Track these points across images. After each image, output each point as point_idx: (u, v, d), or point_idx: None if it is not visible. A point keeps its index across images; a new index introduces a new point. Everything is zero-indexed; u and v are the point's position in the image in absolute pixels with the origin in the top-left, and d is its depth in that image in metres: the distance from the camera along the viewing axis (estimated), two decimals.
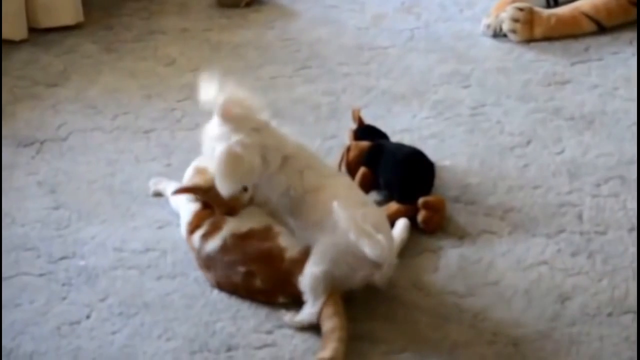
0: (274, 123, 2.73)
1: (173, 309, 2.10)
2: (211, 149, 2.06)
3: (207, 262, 2.14)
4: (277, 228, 2.11)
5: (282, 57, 3.14)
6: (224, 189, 2.04)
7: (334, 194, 2.04)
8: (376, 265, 2.00)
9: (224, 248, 2.10)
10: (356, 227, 1.94)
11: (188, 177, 2.27)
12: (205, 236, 2.13)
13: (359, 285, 2.05)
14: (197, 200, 2.21)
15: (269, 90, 2.94)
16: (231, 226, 2.12)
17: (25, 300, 2.13)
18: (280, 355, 1.98)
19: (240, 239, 2.10)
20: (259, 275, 2.08)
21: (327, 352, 1.92)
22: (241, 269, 2.09)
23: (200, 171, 2.23)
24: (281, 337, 2.02)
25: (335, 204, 1.96)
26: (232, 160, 2.01)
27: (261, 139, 2.07)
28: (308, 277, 2.01)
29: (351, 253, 1.99)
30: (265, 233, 2.10)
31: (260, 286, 2.08)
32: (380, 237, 1.96)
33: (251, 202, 2.17)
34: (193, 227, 2.17)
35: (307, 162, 2.12)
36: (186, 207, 2.22)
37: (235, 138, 2.03)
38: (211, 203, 2.18)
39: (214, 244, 2.11)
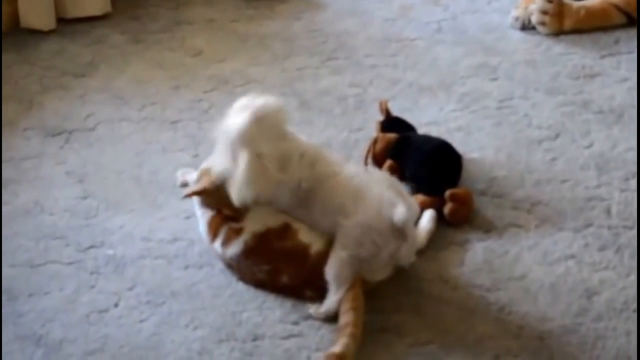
0: (300, 114, 2.76)
1: (200, 299, 2.11)
2: (230, 150, 2.02)
3: (231, 264, 2.15)
4: (295, 225, 2.10)
5: (309, 48, 3.14)
6: (240, 197, 2.01)
7: (350, 177, 2.06)
8: (401, 236, 2.01)
9: (246, 251, 2.11)
10: (392, 185, 1.95)
11: (194, 180, 2.25)
12: (225, 243, 2.14)
13: (386, 265, 2.05)
14: (205, 204, 2.20)
15: (295, 81, 2.94)
16: (249, 229, 2.11)
17: (55, 288, 2.15)
18: (306, 345, 1.99)
19: (260, 239, 2.10)
20: (285, 272, 2.08)
21: (337, 347, 1.92)
22: (266, 267, 2.10)
23: (204, 173, 2.19)
24: (307, 328, 2.03)
25: (369, 167, 1.96)
26: (258, 172, 1.99)
27: (284, 148, 2.05)
28: (334, 263, 2.02)
29: (376, 230, 2.01)
30: (284, 231, 2.09)
31: (287, 282, 2.09)
32: (410, 199, 2.00)
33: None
34: (212, 237, 2.17)
35: (316, 155, 2.11)
36: (200, 216, 2.22)
37: (263, 147, 2.00)
38: (217, 204, 2.16)
39: (235, 248, 2.12)
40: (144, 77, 2.99)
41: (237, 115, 2.03)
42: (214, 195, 2.14)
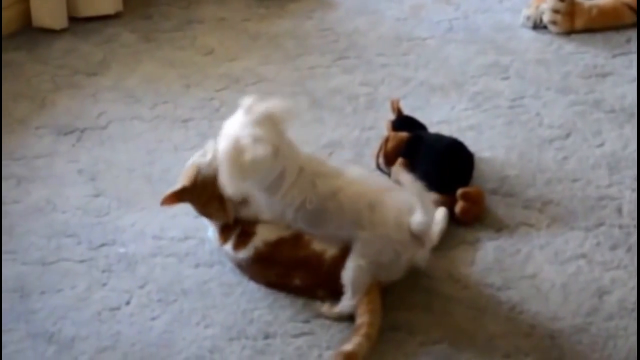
0: (311, 113, 2.77)
1: (211, 297, 2.11)
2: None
3: (242, 266, 2.15)
4: (307, 235, 2.08)
5: (320, 47, 3.15)
6: (227, 184, 1.97)
7: (357, 190, 2.02)
8: (419, 243, 2.02)
9: (257, 256, 2.11)
10: (419, 193, 1.95)
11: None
12: (236, 247, 2.14)
13: (403, 269, 2.05)
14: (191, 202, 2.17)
15: (306, 80, 2.95)
16: (260, 236, 2.10)
17: (67, 285, 2.16)
18: (317, 343, 1.99)
19: (271, 248, 2.09)
20: (298, 276, 2.08)
21: (350, 345, 1.92)
22: (278, 271, 2.10)
23: (184, 174, 2.18)
24: (318, 326, 2.03)
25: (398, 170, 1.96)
26: (236, 153, 1.94)
27: (279, 142, 1.99)
28: (352, 270, 2.01)
29: (396, 239, 2.00)
30: (296, 240, 2.08)
31: (299, 284, 2.09)
32: (426, 199, 1.99)
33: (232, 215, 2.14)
34: (222, 242, 2.17)
35: (316, 170, 2.06)
36: (209, 224, 2.22)
37: (248, 130, 1.96)
38: (201, 202, 2.14)
39: (246, 252, 2.12)
40: (156, 76, 3.00)
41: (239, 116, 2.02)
42: (196, 193, 2.13)
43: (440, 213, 2.26)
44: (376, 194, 2.03)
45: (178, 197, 2.15)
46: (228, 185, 1.98)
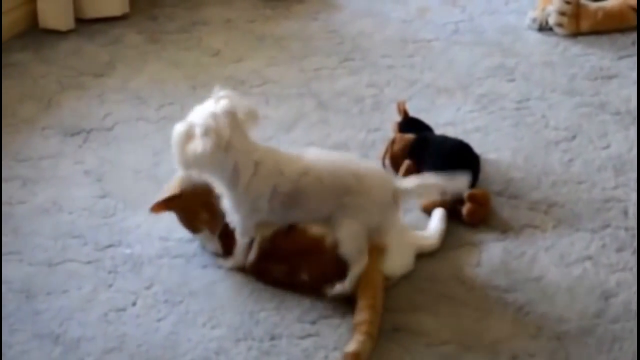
0: (317, 115, 2.77)
1: (218, 298, 2.12)
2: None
3: (250, 268, 2.16)
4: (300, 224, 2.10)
5: (325, 49, 3.15)
6: (177, 163, 2.01)
7: (332, 163, 2.06)
8: (396, 206, 2.08)
9: (262, 255, 2.11)
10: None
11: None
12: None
13: (387, 231, 2.08)
14: (178, 211, 2.19)
15: (312, 81, 2.95)
16: (258, 237, 2.12)
17: (73, 287, 2.16)
18: (324, 344, 1.99)
19: (272, 240, 2.10)
20: (304, 269, 2.09)
21: (352, 346, 1.93)
22: (284, 267, 2.11)
23: (174, 182, 2.20)
24: (325, 327, 2.03)
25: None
26: (181, 138, 1.99)
27: (232, 138, 2.00)
28: (347, 237, 2.03)
29: (382, 203, 2.04)
30: (293, 230, 2.09)
31: (306, 279, 2.09)
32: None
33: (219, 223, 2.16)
34: (226, 256, 2.19)
35: (278, 159, 2.06)
36: (205, 239, 2.23)
37: (203, 120, 1.99)
38: (189, 210, 2.17)
39: (251, 256, 2.13)
40: (162, 77, 3.00)
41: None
42: (185, 201, 2.14)
43: (439, 214, 2.27)
44: (353, 164, 2.07)
45: (167, 204, 2.17)
46: (178, 166, 2.03)
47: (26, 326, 2.06)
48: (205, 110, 2.02)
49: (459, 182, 2.07)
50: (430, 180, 2.07)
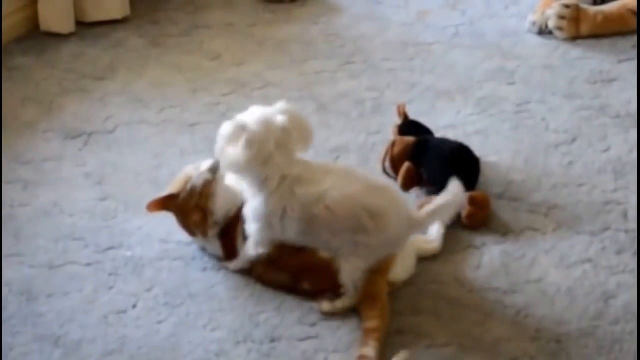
0: (318, 117, 2.78)
1: (218, 300, 2.12)
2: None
3: (251, 269, 2.16)
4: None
5: (326, 52, 3.16)
6: (225, 161, 1.99)
7: (345, 195, 1.99)
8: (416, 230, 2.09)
9: (267, 261, 2.11)
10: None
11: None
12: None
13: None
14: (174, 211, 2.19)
15: (313, 85, 2.95)
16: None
17: (74, 289, 2.17)
18: (324, 347, 2.00)
19: (279, 250, 2.09)
20: (307, 280, 2.09)
21: (371, 350, 1.93)
22: (288, 276, 2.11)
23: (173, 182, 2.21)
24: (325, 330, 2.03)
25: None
26: (229, 138, 1.97)
27: (275, 151, 1.98)
28: (350, 272, 2.03)
29: (398, 237, 2.04)
30: (300, 248, 2.08)
31: (308, 288, 2.10)
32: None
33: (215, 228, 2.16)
34: (230, 259, 2.19)
35: (297, 176, 2.02)
36: (209, 241, 2.23)
37: (255, 127, 1.97)
38: (179, 212, 2.17)
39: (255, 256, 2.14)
40: (163, 81, 3.01)
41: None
42: (181, 201, 2.14)
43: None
44: (367, 197, 2.00)
45: (164, 203, 2.18)
46: (225, 162, 2.01)
47: (27, 328, 2.06)
48: (262, 116, 2.00)
49: (457, 189, 2.04)
50: (441, 203, 2.03)
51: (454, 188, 2.03)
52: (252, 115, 2.02)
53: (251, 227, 2.08)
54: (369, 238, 2.00)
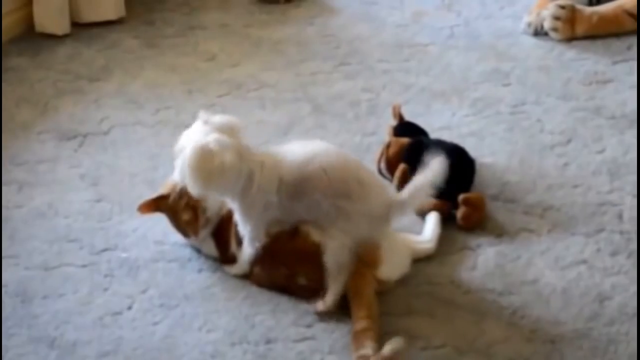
0: (313, 119, 2.78)
1: (213, 302, 2.12)
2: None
3: (249, 275, 2.16)
4: (304, 227, 2.08)
5: (322, 53, 3.16)
6: (194, 186, 2.00)
7: (338, 160, 2.05)
8: (387, 219, 2.07)
9: (263, 255, 2.12)
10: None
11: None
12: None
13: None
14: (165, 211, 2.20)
15: (308, 86, 2.96)
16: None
17: (69, 290, 2.16)
18: (319, 348, 2.00)
19: (273, 241, 2.10)
20: (302, 273, 2.09)
21: (369, 350, 1.92)
22: (283, 271, 2.11)
23: (164, 184, 2.22)
24: (321, 331, 2.03)
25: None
26: (204, 155, 1.98)
27: (239, 147, 2.02)
28: (335, 250, 2.03)
29: (379, 217, 2.04)
30: (294, 232, 2.09)
31: (304, 283, 2.10)
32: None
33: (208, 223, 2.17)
34: (229, 263, 2.20)
35: (278, 152, 2.08)
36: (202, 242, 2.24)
37: (212, 136, 2.00)
38: (170, 213, 2.18)
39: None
40: (158, 82, 3.01)
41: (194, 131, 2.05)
42: (172, 202, 2.14)
43: (434, 218, 2.27)
44: (358, 168, 2.07)
45: (155, 205, 2.19)
46: (194, 188, 2.01)
47: (22, 330, 2.06)
48: (197, 131, 2.03)
49: (437, 166, 2.03)
50: (419, 183, 2.04)
51: (435, 165, 2.04)
52: (188, 136, 2.05)
53: (245, 228, 2.09)
54: (352, 205, 2.01)
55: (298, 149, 2.08)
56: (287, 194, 2.05)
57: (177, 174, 2.05)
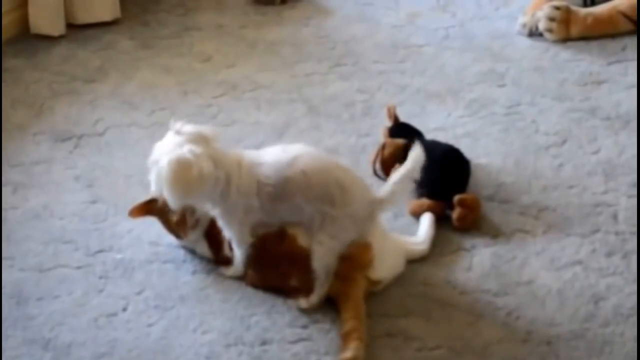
0: (308, 120, 2.78)
1: (209, 303, 2.12)
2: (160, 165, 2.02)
3: (244, 277, 2.16)
4: (290, 230, 2.09)
5: (317, 54, 3.16)
6: (173, 199, 2.00)
7: (318, 164, 2.05)
8: (372, 219, 2.08)
9: (252, 258, 2.12)
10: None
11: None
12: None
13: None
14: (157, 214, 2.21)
15: (304, 87, 2.96)
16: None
17: (64, 292, 2.16)
18: (315, 349, 2.00)
19: (261, 243, 2.10)
20: (294, 275, 2.09)
21: (350, 352, 1.93)
22: (275, 272, 2.11)
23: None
24: (316, 332, 2.03)
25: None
26: (181, 167, 1.97)
27: (214, 154, 2.02)
28: (323, 254, 2.04)
29: (362, 219, 2.05)
30: (282, 235, 2.09)
31: (296, 285, 2.10)
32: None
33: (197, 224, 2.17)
34: (225, 264, 2.20)
35: (253, 155, 2.09)
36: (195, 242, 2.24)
37: (186, 147, 2.00)
38: (161, 215, 2.19)
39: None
40: (153, 83, 3.01)
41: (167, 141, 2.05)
42: (163, 205, 2.13)
43: (428, 220, 2.28)
44: (337, 171, 2.06)
45: (145, 208, 2.19)
46: (173, 200, 2.01)
47: (17, 331, 2.06)
48: (170, 142, 2.03)
49: (414, 159, 2.04)
50: (399, 176, 2.04)
51: (413, 156, 2.05)
52: (161, 147, 2.04)
53: (230, 231, 2.10)
54: (335, 210, 2.01)
55: (277, 152, 2.09)
56: (268, 196, 2.05)
57: (153, 186, 2.04)
